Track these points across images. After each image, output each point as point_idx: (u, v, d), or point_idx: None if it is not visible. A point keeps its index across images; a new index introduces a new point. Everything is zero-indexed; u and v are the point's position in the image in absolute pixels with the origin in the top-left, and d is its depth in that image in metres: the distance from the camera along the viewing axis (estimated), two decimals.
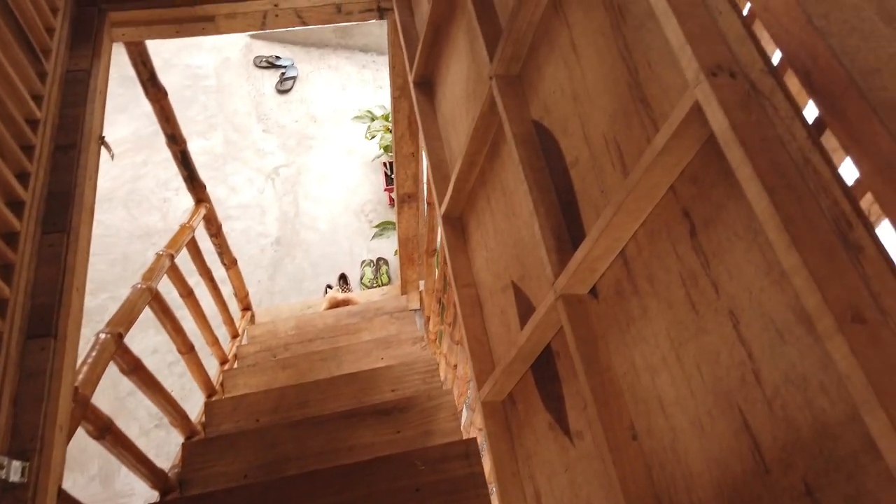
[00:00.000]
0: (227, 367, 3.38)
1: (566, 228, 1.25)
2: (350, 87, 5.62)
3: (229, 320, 3.60)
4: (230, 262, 3.72)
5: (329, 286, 4.64)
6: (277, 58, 5.70)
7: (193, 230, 3.01)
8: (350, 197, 5.03)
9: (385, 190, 4.96)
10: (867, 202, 0.66)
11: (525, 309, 1.45)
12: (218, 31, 2.33)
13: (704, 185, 0.86)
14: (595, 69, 1.13)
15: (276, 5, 2.27)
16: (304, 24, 2.37)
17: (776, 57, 0.76)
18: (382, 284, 4.66)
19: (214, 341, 3.26)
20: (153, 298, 2.39)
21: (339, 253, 4.80)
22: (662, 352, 0.99)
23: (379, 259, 4.79)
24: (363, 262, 4.77)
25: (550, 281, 1.20)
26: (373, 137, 4.94)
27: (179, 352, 2.80)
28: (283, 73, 5.61)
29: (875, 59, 0.62)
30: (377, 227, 4.72)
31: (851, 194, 0.68)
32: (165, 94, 2.79)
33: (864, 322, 0.63)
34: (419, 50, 1.97)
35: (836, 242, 0.66)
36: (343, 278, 4.69)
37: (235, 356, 3.53)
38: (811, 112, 0.72)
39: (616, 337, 1.11)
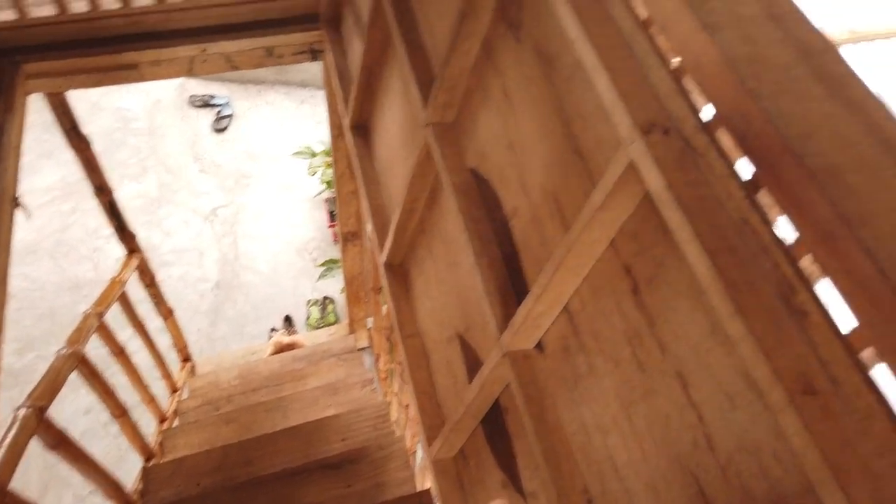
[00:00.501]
0: (166, 425, 3.21)
1: (509, 281, 1.21)
2: (289, 124, 5.54)
3: (167, 374, 3.43)
4: (167, 313, 3.57)
5: (274, 329, 4.50)
6: (212, 96, 5.58)
7: (124, 284, 2.87)
8: (292, 235, 4.92)
9: (329, 227, 4.88)
10: (806, 261, 0.65)
11: (472, 362, 1.40)
12: (142, 79, 2.24)
13: (645, 243, 0.84)
14: (529, 119, 1.10)
15: (203, 50, 2.20)
16: (235, 68, 2.31)
17: (709, 111, 0.75)
18: (330, 324, 4.55)
19: (151, 399, 3.10)
20: (80, 363, 2.25)
21: (282, 294, 4.67)
22: (612, 411, 0.95)
23: (325, 298, 4.69)
24: (309, 301, 4.65)
25: (495, 336, 1.16)
26: (314, 174, 4.86)
27: (113, 415, 2.64)
28: (219, 112, 5.49)
29: (807, 122, 0.61)
30: (322, 265, 4.62)
31: (791, 256, 0.66)
32: (88, 144, 2.67)
33: (815, 393, 0.60)
34: (353, 94, 1.93)
35: (781, 308, 0.64)
36: (288, 320, 4.56)
37: (175, 412, 3.36)
38: (745, 168, 0.70)
39: (565, 394, 1.07)
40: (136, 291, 3.35)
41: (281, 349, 3.98)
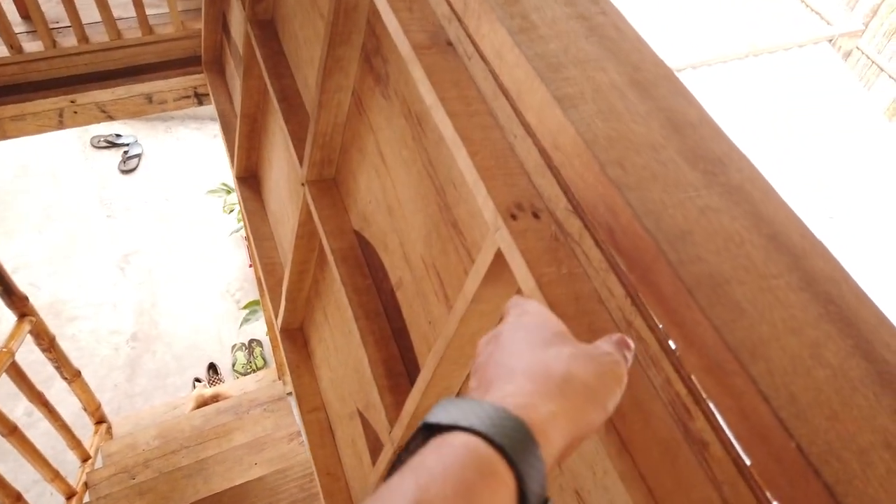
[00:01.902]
0: (74, 502, 2.94)
1: (400, 360, 1.08)
2: (202, 160, 5.29)
3: (76, 444, 3.16)
4: (72, 376, 3.29)
5: (198, 379, 4.25)
6: (118, 136, 5.28)
7: (13, 355, 2.61)
8: (213, 277, 4.68)
9: (250, 266, 4.65)
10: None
11: (374, 443, 1.26)
12: (5, 136, 2.03)
13: None
14: (404, 183, 0.98)
15: (73, 101, 2.01)
16: (111, 118, 2.12)
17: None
18: (257, 368, 4.33)
19: (55, 476, 2.83)
20: None
21: (206, 340, 4.42)
22: None
23: (252, 341, 4.46)
24: (234, 346, 4.41)
25: (387, 428, 1.02)
26: (231, 211, 4.63)
27: None
28: (125, 152, 5.20)
29: (683, 216, 0.50)
30: (246, 307, 4.40)
31: (683, 370, 0.55)
32: None
33: None
34: (237, 143, 1.77)
35: (679, 438, 0.53)
36: (213, 368, 4.31)
37: (86, 485, 3.09)
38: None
39: None
40: (38, 352, 3.08)
41: (203, 403, 3.74)
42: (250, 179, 1.86)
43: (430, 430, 0.36)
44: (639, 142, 0.54)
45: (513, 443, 0.35)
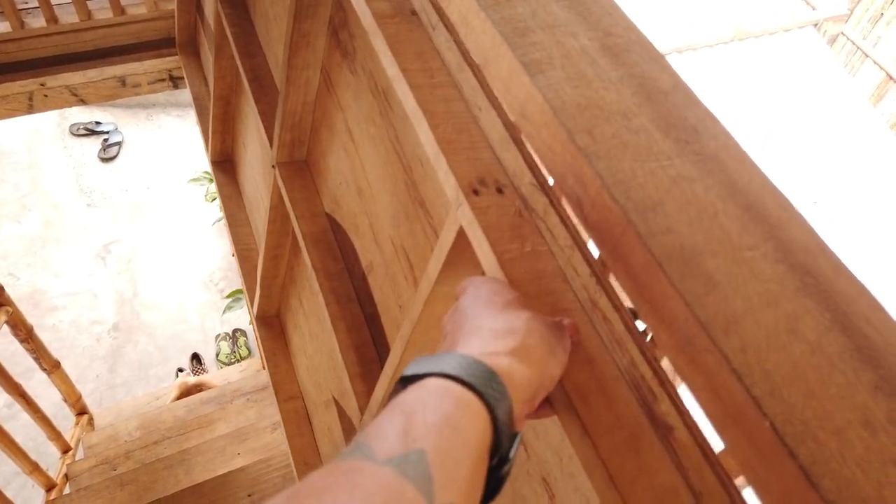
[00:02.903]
0: (54, 493, 2.90)
1: (373, 345, 1.05)
2: (183, 148, 5.22)
3: (55, 435, 3.11)
4: (51, 367, 3.23)
5: (181, 369, 4.20)
6: (98, 123, 5.19)
7: None
8: (195, 267, 4.62)
9: (233, 255, 4.60)
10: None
11: (349, 432, 1.23)
12: None
13: None
14: (372, 162, 0.94)
15: (42, 84, 1.95)
16: (83, 102, 2.06)
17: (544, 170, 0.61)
18: (242, 358, 4.29)
19: (34, 468, 2.79)
20: None
21: (189, 331, 4.37)
22: None
23: (235, 330, 4.41)
24: (218, 336, 4.37)
25: (357, 416, 0.99)
26: (213, 200, 4.57)
27: None
28: (105, 140, 5.11)
29: (654, 186, 0.47)
30: (229, 296, 4.35)
31: (649, 351, 0.52)
32: None
33: None
34: (210, 126, 1.73)
35: (644, 421, 0.50)
36: (196, 358, 4.27)
37: (66, 477, 3.04)
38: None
39: None
40: (16, 343, 3.02)
41: (187, 392, 3.70)
42: (226, 164, 1.81)
43: (406, 384, 0.40)
44: (609, 109, 0.52)
45: (481, 381, 0.39)
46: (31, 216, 4.77)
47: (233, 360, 4.26)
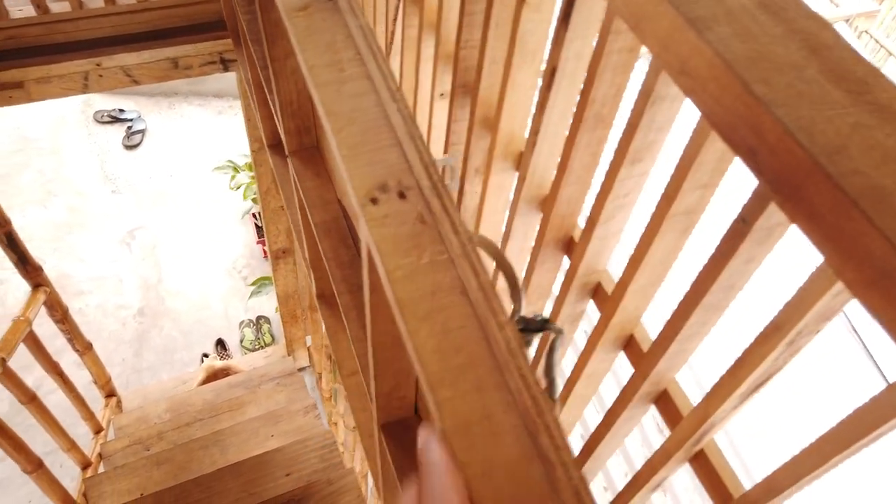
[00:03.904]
0: (90, 471, 2.94)
1: None
2: (207, 137, 5.24)
3: (89, 415, 3.15)
4: (83, 348, 3.27)
5: (205, 355, 4.24)
6: (121, 111, 5.22)
7: (30, 323, 2.59)
8: (219, 254, 4.65)
9: (258, 243, 4.63)
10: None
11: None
12: (30, 99, 1.99)
13: None
14: None
15: (98, 64, 1.97)
16: (136, 82, 2.08)
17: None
18: (266, 345, 4.32)
19: (71, 445, 2.83)
20: None
21: (213, 317, 4.41)
22: None
23: (259, 318, 4.44)
24: (242, 322, 4.40)
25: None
26: (238, 188, 4.60)
27: (25, 471, 2.37)
28: (129, 127, 5.14)
29: (835, 132, 0.49)
30: (253, 284, 4.38)
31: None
32: None
33: None
34: (258, 111, 1.75)
35: (531, 455, 0.37)
36: (221, 344, 4.30)
37: (100, 456, 3.08)
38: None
39: None
40: (49, 323, 3.06)
41: (213, 376, 3.73)
42: (279, 147, 1.84)
43: None
44: (779, 62, 0.54)
45: None
46: (57, 202, 4.80)
47: (257, 347, 4.29)
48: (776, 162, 0.51)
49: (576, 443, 2.21)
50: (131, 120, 5.19)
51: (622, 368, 1.06)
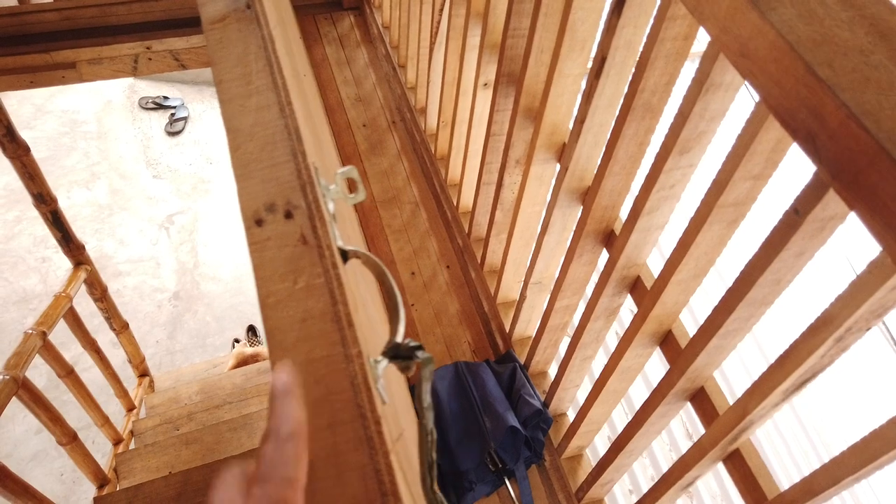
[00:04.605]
0: (121, 447, 3.00)
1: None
2: None
3: (122, 393, 3.21)
4: (120, 327, 3.34)
5: (237, 340, 4.30)
6: (165, 98, 5.32)
7: (71, 300, 2.65)
8: None
9: None
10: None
11: None
12: (81, 80, 2.04)
13: None
14: None
15: (148, 48, 2.01)
16: (183, 67, 2.12)
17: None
18: None
19: (105, 421, 2.88)
20: (21, 388, 2.05)
21: (245, 303, 4.47)
22: None
23: None
24: None
25: None
26: None
27: (60, 443, 2.43)
28: (172, 114, 5.24)
29: None
30: None
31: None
32: (27, 149, 2.45)
33: None
34: None
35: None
36: (252, 330, 4.36)
37: (132, 433, 3.14)
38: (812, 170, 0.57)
39: None
40: (87, 303, 3.13)
41: (243, 361, 3.78)
42: None
43: None
44: (845, 46, 0.53)
45: None
46: (100, 184, 4.91)
47: None
48: (837, 147, 0.50)
49: (602, 444, 2.19)
50: (175, 107, 5.29)
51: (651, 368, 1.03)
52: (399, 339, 0.42)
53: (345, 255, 0.48)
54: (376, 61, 2.41)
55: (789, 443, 2.50)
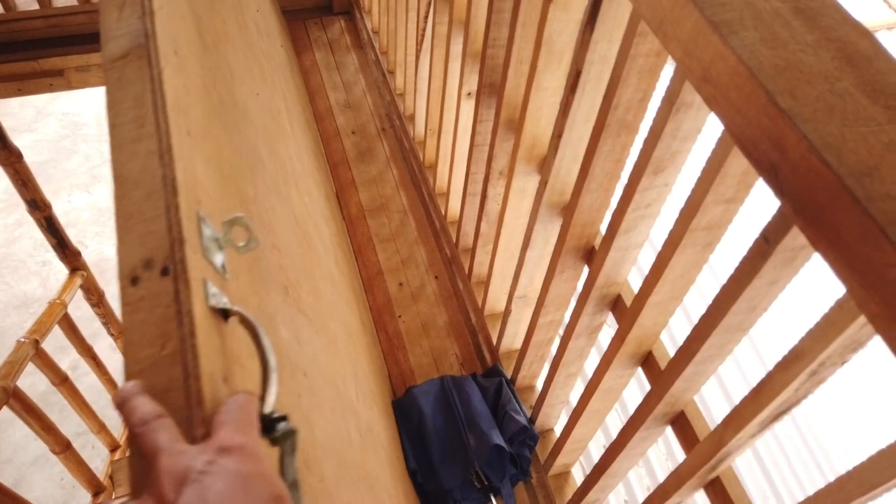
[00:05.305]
0: (118, 454, 2.99)
1: None
2: None
3: None
4: (118, 332, 3.33)
5: None
6: None
7: (65, 307, 2.64)
8: None
9: None
10: None
11: None
12: (70, 87, 2.03)
13: None
14: None
15: None
16: None
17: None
18: None
19: (101, 427, 2.88)
20: (12, 397, 2.04)
21: None
22: None
23: None
24: None
25: None
26: None
27: (53, 451, 2.42)
28: None
29: (867, 151, 0.45)
30: None
31: None
32: (20, 156, 2.44)
33: None
34: None
35: None
36: None
37: (129, 440, 3.13)
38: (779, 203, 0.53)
39: None
40: (87, 306, 3.12)
41: None
42: None
43: None
44: (810, 72, 0.49)
45: None
46: (101, 187, 4.92)
47: None
48: (799, 181, 0.47)
49: (597, 454, 2.16)
50: None
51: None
52: (266, 408, 0.39)
53: (226, 314, 0.45)
54: (366, 66, 2.38)
55: (789, 454, 2.46)
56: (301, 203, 1.06)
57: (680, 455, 2.33)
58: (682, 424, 0.93)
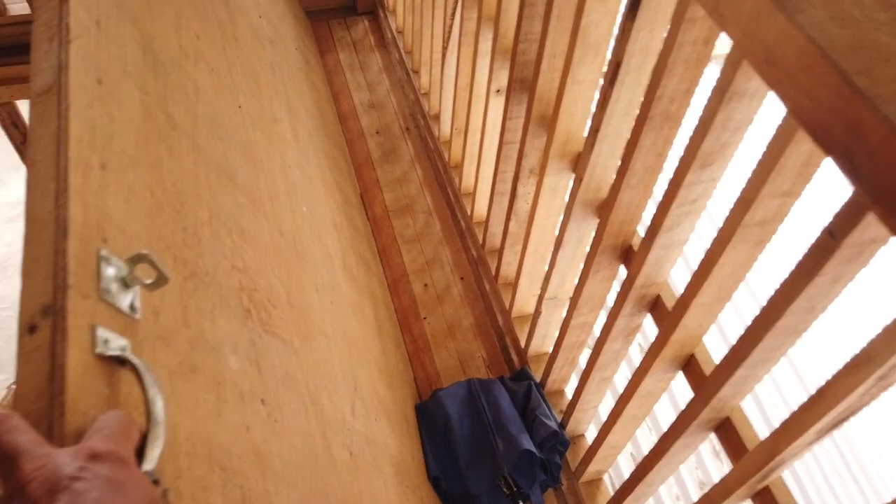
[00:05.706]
0: None
1: None
2: None
3: None
4: None
5: None
6: None
7: None
8: None
9: None
10: None
11: None
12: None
13: None
14: None
15: None
16: None
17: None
18: None
19: None
20: None
21: None
22: None
23: None
24: None
25: None
26: None
27: None
28: None
29: None
30: None
31: None
32: None
33: None
34: None
35: None
36: None
37: None
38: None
39: None
40: None
41: None
42: None
43: None
44: (886, 51, 0.46)
45: None
46: None
47: None
48: (878, 167, 0.43)
49: (626, 465, 2.11)
50: None
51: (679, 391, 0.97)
52: (146, 465, 0.37)
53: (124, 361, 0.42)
54: (390, 66, 2.36)
55: (826, 471, 2.38)
56: (295, 213, 1.02)
57: (710, 462, 2.27)
58: (726, 430, 0.89)
